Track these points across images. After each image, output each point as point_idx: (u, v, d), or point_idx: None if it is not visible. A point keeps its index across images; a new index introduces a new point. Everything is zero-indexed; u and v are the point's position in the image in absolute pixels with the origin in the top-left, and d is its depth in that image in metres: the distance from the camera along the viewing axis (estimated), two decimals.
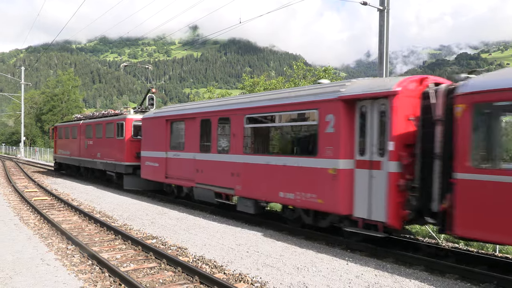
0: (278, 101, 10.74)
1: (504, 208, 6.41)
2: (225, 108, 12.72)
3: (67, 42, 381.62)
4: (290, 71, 30.24)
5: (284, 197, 10.25)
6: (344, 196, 8.84)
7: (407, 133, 8.22)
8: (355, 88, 8.97)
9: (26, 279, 7.05)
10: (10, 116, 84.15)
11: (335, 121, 9.05)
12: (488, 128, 7.13)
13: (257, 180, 11.17)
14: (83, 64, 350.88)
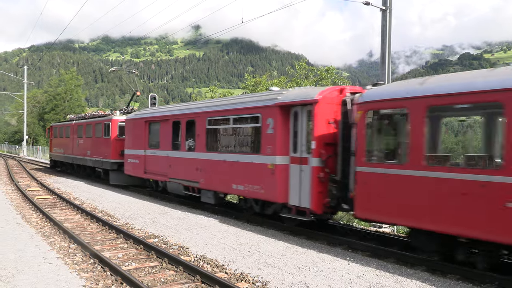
0: (231, 106, 12.40)
1: (388, 195, 8.18)
2: (191, 111, 14.43)
3: (70, 41, 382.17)
4: (292, 71, 30.22)
5: (237, 188, 11.90)
6: (281, 187, 10.42)
7: (327, 134, 9.83)
8: (289, 96, 10.59)
9: (28, 277, 7.08)
10: (12, 115, 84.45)
11: (274, 123, 10.66)
12: (376, 131, 8.89)
13: (216, 175, 12.82)
14: (85, 63, 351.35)
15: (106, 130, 20.55)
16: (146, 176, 17.13)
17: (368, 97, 8.83)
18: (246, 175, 11.48)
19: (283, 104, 10.52)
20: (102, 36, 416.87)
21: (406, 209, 7.88)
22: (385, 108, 8.71)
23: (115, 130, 20.02)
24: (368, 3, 13.47)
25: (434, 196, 7.39)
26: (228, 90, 37.36)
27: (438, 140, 8.89)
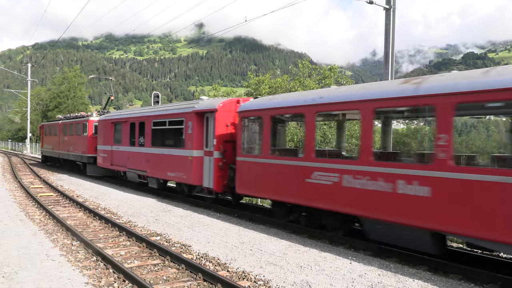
0: (167, 112, 16.06)
1: (252, 176, 11.69)
2: (142, 115, 17.88)
3: (74, 39, 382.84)
4: (296, 70, 30.20)
5: (170, 175, 15.35)
6: (197, 173, 13.83)
7: (225, 134, 13.26)
8: (202, 105, 14.04)
9: (31, 274, 7.11)
10: (16, 113, 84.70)
11: (192, 126, 14.04)
12: (246, 132, 12.28)
13: (157, 165, 16.27)
14: (89, 61, 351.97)
15: (84, 129, 23.90)
16: (112, 167, 20.43)
17: (242, 107, 12.27)
18: (176, 165, 14.90)
19: (198, 111, 13.94)
20: (106, 34, 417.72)
21: (261, 186, 11.35)
22: (250, 116, 12.08)
23: (91, 129, 23.33)
24: (371, 1, 13.44)
25: (272, 176, 10.90)
26: (231, 88, 37.30)
27: (277, 138, 12.58)
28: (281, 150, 12.04)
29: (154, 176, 16.51)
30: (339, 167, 9.19)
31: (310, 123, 9.99)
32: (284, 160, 10.69)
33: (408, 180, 7.75)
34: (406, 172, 7.83)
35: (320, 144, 21.59)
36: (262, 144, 11.36)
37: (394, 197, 7.97)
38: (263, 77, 30.21)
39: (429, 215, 7.40)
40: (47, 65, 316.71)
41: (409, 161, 9.30)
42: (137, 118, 18.13)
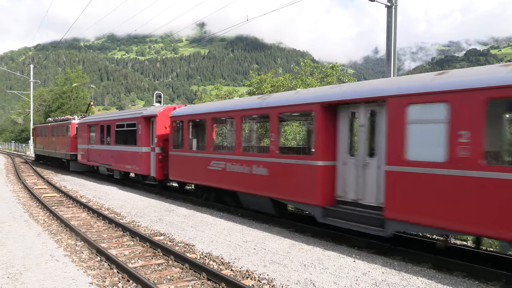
0: (126, 116, 19.70)
1: (179, 166, 15.28)
2: (108, 119, 21.62)
3: (75, 39, 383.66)
4: (297, 68, 30.17)
5: (128, 168, 19.15)
6: (146, 165, 17.50)
7: (164, 134, 16.86)
8: (149, 111, 17.68)
9: (36, 274, 7.13)
10: (19, 114, 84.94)
11: (141, 128, 17.75)
12: (175, 132, 15.63)
13: (119, 160, 19.88)
14: (91, 62, 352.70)
15: (67, 130, 27.28)
16: (88, 163, 24.01)
17: (173, 113, 15.86)
18: (131, 159, 18.63)
19: (145, 116, 17.63)
20: (108, 34, 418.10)
21: (184, 173, 15.17)
22: (177, 120, 15.54)
23: (73, 131, 26.55)
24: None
25: (190, 165, 14.57)
26: (233, 87, 37.30)
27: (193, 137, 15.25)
28: (192, 145, 15.25)
29: (117, 169, 20.25)
30: (224, 157, 12.92)
31: (209, 125, 13.83)
32: (196, 153, 14.51)
33: (257, 164, 11.44)
34: (256, 159, 11.58)
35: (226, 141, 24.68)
36: (184, 141, 15.20)
37: (252, 176, 11.61)
38: (265, 76, 30.20)
39: (267, 187, 11.06)
40: (49, 66, 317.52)
41: (257, 152, 12.63)
42: (105, 122, 21.78)
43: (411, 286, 6.62)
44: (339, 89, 9.88)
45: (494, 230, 6.70)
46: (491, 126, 7.32)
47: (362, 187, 9.05)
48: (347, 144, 9.63)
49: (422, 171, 7.61)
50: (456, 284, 6.70)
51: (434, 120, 7.58)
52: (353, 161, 9.38)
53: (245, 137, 13.77)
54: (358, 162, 9.25)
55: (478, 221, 6.79)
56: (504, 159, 7.70)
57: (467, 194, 6.94)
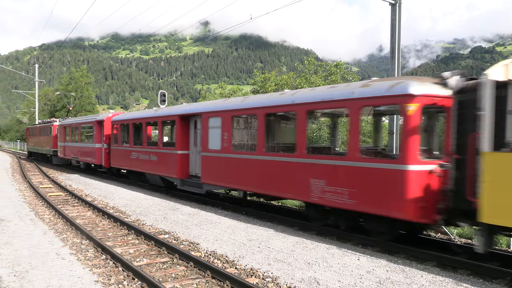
0: (86, 120, 25.65)
1: (117, 157, 20.97)
2: (76, 122, 27.34)
3: (80, 39, 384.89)
4: (301, 67, 30.12)
5: (88, 159, 24.79)
6: (99, 158, 23.03)
7: (109, 134, 22.00)
8: (100, 116, 23.37)
9: (42, 273, 7.19)
10: (24, 113, 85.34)
11: (96, 129, 23.31)
12: (116, 133, 21.07)
13: (83, 154, 25.63)
14: (95, 61, 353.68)
15: (50, 131, 33.03)
16: (64, 157, 29.88)
17: (113, 119, 21.47)
18: (90, 153, 24.27)
19: (98, 120, 23.34)
20: (112, 33, 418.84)
21: (120, 162, 20.61)
22: (115, 124, 21.17)
23: (54, 131, 32.19)
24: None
25: (122, 156, 20.02)
26: (238, 86, 37.34)
27: (124, 135, 20.47)
28: (123, 141, 20.50)
29: (82, 161, 26.17)
30: (137, 150, 18.80)
31: (131, 128, 19.75)
32: (123, 147, 20.15)
33: (152, 154, 17.49)
34: (151, 150, 17.58)
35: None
36: (117, 139, 20.99)
37: (150, 162, 17.55)
38: (269, 75, 30.18)
39: (157, 168, 17.02)
40: (54, 65, 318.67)
41: (152, 145, 18.05)
42: (74, 124, 27.49)
43: (415, 284, 6.62)
44: (189, 107, 16.10)
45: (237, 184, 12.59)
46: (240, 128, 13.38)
47: (198, 166, 14.72)
48: (193, 140, 15.35)
49: (214, 155, 13.49)
50: (460, 282, 6.70)
51: (217, 127, 13.35)
52: (195, 151, 15.17)
53: (147, 135, 19.24)
54: (196, 151, 14.99)
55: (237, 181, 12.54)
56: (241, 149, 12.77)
57: (231, 167, 12.70)
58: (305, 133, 10.37)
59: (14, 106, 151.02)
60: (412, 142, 7.98)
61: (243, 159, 12.19)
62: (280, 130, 12.74)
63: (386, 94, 8.45)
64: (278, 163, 10.93)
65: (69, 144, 28.31)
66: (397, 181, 8.06)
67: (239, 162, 12.32)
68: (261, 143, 11.55)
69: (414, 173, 7.90)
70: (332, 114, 10.99)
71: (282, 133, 12.69)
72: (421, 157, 8.11)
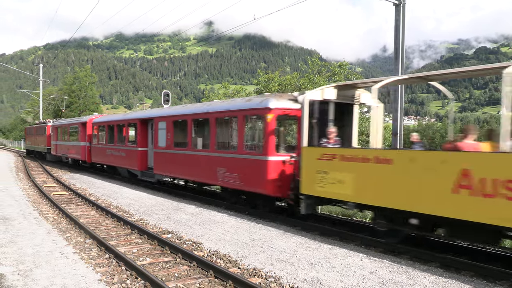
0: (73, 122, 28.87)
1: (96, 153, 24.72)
2: (65, 123, 31.03)
3: (84, 39, 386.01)
4: (305, 67, 30.08)
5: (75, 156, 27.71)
6: (83, 154, 26.10)
7: (91, 134, 25.59)
8: (83, 119, 27.15)
9: (45, 271, 7.23)
10: (29, 113, 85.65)
11: (80, 130, 26.56)
12: (94, 132, 24.93)
13: (70, 151, 28.52)
14: (99, 61, 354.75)
15: (45, 131, 36.45)
16: (56, 154, 33.04)
17: (93, 121, 25.36)
18: (76, 150, 27.29)
19: (82, 122, 26.57)
20: (116, 33, 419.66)
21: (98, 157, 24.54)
22: (94, 125, 25.07)
23: (48, 131, 35.54)
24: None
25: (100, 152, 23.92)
26: (241, 86, 37.32)
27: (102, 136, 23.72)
28: (101, 140, 24.01)
29: (70, 157, 29.26)
30: (110, 147, 22.43)
31: (106, 129, 23.30)
32: (101, 145, 23.88)
33: (120, 150, 20.94)
34: (119, 147, 21.08)
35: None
36: (97, 138, 24.60)
37: (120, 157, 20.86)
38: (272, 75, 30.16)
39: (125, 162, 20.41)
40: (58, 65, 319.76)
41: (119, 143, 21.35)
42: (64, 125, 30.96)
43: (418, 285, 6.61)
44: (147, 112, 20.20)
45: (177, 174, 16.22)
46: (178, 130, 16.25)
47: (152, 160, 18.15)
48: (150, 139, 18.72)
49: (161, 151, 17.05)
50: (463, 283, 6.68)
51: (163, 129, 16.78)
52: (151, 148, 18.41)
53: (117, 135, 22.08)
54: (151, 149, 18.21)
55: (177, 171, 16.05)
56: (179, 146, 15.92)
57: (172, 160, 16.12)
58: (215, 134, 13.74)
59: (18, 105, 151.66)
60: (270, 140, 11.25)
61: (180, 154, 15.82)
62: (201, 132, 15.55)
63: (257, 107, 11.83)
64: (200, 156, 14.58)
65: (60, 142, 31.95)
66: (262, 167, 11.37)
67: (178, 156, 15.95)
68: (190, 141, 15.28)
69: (272, 162, 11.23)
70: (232, 120, 13.31)
71: (202, 133, 15.49)
72: (277, 151, 11.42)
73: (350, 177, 8.96)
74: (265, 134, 11.41)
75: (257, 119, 12.58)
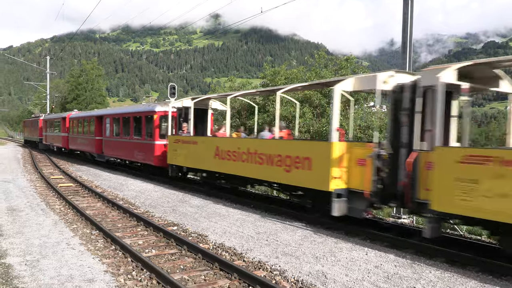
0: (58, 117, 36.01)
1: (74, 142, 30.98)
2: (52, 117, 37.84)
3: (91, 31, 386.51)
4: (312, 60, 29.95)
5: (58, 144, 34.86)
6: (64, 142, 32.75)
7: (68, 126, 31.84)
8: (64, 115, 34.46)
9: (52, 262, 7.29)
10: (36, 105, 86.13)
11: (62, 123, 33.08)
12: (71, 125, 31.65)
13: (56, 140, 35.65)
14: (106, 54, 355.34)
15: (37, 123, 42.93)
16: (46, 143, 39.26)
17: (70, 116, 32.09)
18: (59, 139, 33.85)
19: (62, 117, 33.04)
20: (123, 26, 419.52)
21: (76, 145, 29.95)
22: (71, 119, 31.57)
23: (40, 124, 41.79)
24: None
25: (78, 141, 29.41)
26: (247, 79, 37.27)
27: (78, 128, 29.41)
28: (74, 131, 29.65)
29: (55, 146, 35.39)
30: (80, 136, 28.71)
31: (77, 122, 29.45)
32: (74, 135, 29.64)
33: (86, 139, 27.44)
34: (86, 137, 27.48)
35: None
36: (73, 129, 30.03)
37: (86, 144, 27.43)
38: (278, 68, 30.04)
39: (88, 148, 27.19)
40: (65, 57, 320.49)
41: (86, 133, 26.93)
42: (51, 119, 37.78)
43: (423, 279, 6.60)
44: (100, 111, 27.37)
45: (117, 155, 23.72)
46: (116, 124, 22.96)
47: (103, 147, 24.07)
48: (103, 131, 24.21)
49: (107, 139, 23.79)
50: (469, 279, 6.66)
51: (108, 123, 23.52)
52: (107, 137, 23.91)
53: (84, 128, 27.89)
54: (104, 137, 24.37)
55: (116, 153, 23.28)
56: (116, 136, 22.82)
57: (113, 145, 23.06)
58: (133, 127, 20.55)
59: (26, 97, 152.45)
60: (156, 131, 18.03)
61: (117, 141, 22.56)
62: (127, 125, 21.44)
63: (150, 110, 18.82)
64: (126, 142, 21.14)
65: (48, 133, 38.81)
66: (151, 148, 18.20)
67: (116, 142, 22.69)
68: (121, 132, 22.02)
69: (157, 145, 17.89)
70: (139, 118, 19.74)
71: (127, 127, 21.40)
72: (160, 138, 17.88)
73: None
74: (153, 127, 18.34)
75: (150, 117, 18.68)
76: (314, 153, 9.94)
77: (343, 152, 9.26)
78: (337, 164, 9.21)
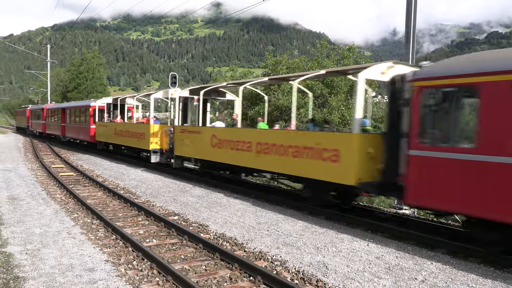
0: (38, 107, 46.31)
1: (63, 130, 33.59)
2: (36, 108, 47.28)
3: (92, 20, 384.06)
4: (314, 50, 29.72)
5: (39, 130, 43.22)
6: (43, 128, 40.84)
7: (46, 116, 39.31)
8: (42, 106, 44.44)
9: (53, 251, 7.29)
10: (36, 94, 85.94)
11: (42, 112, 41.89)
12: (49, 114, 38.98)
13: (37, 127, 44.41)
14: (107, 42, 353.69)
15: (26, 113, 51.03)
16: (32, 129, 45.90)
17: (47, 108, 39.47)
18: (39, 126, 42.57)
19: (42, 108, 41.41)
20: (123, 15, 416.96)
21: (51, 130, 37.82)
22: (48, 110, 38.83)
23: (28, 113, 49.85)
24: None
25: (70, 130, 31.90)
26: (249, 69, 37.16)
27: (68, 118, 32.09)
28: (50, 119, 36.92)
29: (37, 131, 42.27)
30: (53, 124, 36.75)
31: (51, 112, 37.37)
32: (49, 122, 37.71)
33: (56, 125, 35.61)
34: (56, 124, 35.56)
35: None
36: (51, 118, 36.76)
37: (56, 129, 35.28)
38: (280, 58, 29.84)
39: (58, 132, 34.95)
40: (66, 46, 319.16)
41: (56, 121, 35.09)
42: (35, 109, 45.00)
43: (425, 270, 6.58)
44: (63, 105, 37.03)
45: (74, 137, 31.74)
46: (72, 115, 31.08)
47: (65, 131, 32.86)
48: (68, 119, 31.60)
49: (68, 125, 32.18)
50: (471, 270, 6.64)
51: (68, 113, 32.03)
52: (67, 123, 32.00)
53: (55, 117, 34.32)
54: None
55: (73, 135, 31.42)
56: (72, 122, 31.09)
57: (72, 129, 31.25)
58: (80, 116, 28.49)
59: (27, 86, 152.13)
60: (91, 119, 26.44)
61: (72, 126, 30.44)
62: (77, 115, 28.97)
63: (89, 104, 27.20)
64: (76, 127, 29.29)
65: (33, 121, 46.38)
66: (89, 131, 26.61)
67: (71, 127, 30.70)
68: (74, 120, 29.50)
69: (92, 128, 26.28)
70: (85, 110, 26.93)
71: (80, 116, 28.42)
72: (94, 123, 26.06)
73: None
74: (91, 116, 26.34)
75: (88, 109, 26.60)
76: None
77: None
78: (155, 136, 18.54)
